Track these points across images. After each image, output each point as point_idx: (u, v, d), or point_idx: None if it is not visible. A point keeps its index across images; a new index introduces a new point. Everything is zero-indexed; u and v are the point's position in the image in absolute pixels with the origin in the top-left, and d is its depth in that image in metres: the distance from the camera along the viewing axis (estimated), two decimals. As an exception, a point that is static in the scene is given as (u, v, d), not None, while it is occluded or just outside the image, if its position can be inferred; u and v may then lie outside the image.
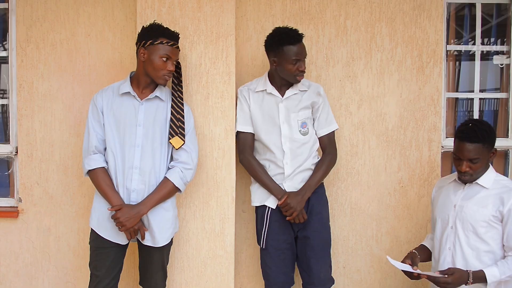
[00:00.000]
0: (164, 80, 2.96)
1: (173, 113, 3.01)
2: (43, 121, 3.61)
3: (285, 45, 3.16)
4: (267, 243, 3.35)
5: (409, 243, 3.78)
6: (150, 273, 3.12)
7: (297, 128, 3.31)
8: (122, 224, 2.88)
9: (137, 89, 3.02)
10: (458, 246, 2.88)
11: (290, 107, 3.31)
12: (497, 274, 2.72)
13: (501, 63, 4.03)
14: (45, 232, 3.68)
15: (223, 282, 3.40)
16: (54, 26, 3.60)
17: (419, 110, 3.75)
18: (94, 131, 2.99)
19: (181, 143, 2.99)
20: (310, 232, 3.34)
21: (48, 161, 3.63)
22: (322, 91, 3.42)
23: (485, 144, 2.77)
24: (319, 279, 3.36)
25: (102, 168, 2.98)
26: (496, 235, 2.80)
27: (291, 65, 3.19)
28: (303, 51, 3.23)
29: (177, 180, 2.99)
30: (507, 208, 2.75)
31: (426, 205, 3.76)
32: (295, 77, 3.24)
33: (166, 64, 2.93)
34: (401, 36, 3.73)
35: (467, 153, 2.78)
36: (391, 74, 3.73)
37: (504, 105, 4.04)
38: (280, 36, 3.20)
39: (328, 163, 3.40)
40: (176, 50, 2.99)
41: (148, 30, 2.97)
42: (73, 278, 3.71)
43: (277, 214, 3.31)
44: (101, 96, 3.03)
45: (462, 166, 2.82)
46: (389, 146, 3.76)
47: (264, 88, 3.34)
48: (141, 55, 2.94)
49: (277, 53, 3.21)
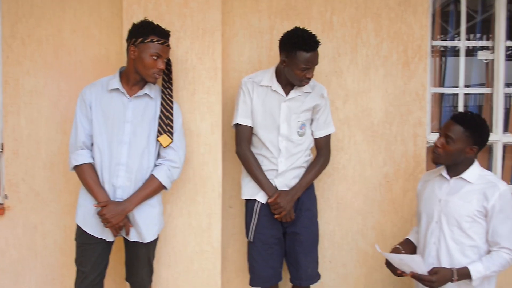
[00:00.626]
0: (154, 78, 2.95)
1: (162, 111, 3.01)
2: (29, 118, 3.60)
3: (299, 50, 3.08)
4: (255, 237, 3.36)
5: (395, 237, 3.80)
6: (136, 268, 3.13)
7: (295, 129, 3.31)
8: (107, 220, 2.88)
9: (126, 86, 3.00)
10: (442, 241, 2.90)
11: (293, 107, 3.30)
12: (481, 270, 2.74)
13: (486, 58, 4.06)
14: (31, 229, 3.67)
15: (210, 277, 3.41)
16: (40, 22, 3.59)
17: (404, 105, 3.77)
18: (82, 126, 2.97)
19: (169, 141, 2.99)
20: (300, 228, 3.36)
21: (34, 158, 3.62)
22: (326, 94, 3.41)
23: (467, 130, 2.79)
24: (306, 274, 3.39)
25: (89, 164, 2.97)
26: (481, 230, 2.82)
27: (300, 70, 3.12)
28: (315, 60, 3.16)
29: (163, 178, 2.99)
30: (492, 203, 2.77)
31: (411, 200, 3.78)
32: (300, 82, 3.20)
33: (157, 62, 2.91)
34: (386, 32, 3.75)
35: (446, 129, 2.83)
36: (377, 70, 3.75)
37: (488, 100, 4.07)
38: (297, 39, 3.11)
39: (321, 165, 3.42)
40: (167, 48, 2.97)
41: (138, 27, 2.94)
42: (59, 275, 3.70)
43: (267, 209, 3.32)
44: (90, 91, 3.01)
45: (437, 140, 2.87)
46: (374, 141, 3.78)
47: (269, 84, 3.30)
48: (132, 52, 2.92)
49: (289, 54, 3.13)
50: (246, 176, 3.40)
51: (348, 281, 3.88)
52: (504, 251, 2.77)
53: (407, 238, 3.21)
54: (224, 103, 3.55)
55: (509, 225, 2.78)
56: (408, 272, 2.84)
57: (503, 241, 2.77)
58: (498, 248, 2.78)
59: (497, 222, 2.77)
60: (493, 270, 2.75)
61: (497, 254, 2.77)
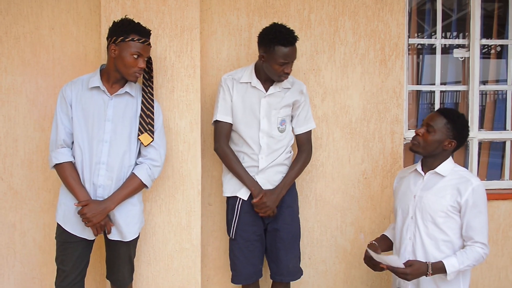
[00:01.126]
0: (135, 77, 2.93)
1: (143, 109, 3.00)
2: (7, 116, 3.57)
3: (277, 45, 3.10)
4: (236, 234, 3.36)
5: (373, 234, 3.85)
6: (117, 267, 3.12)
7: (276, 125, 3.33)
8: (88, 219, 2.86)
9: (107, 84, 2.98)
10: (418, 236, 2.94)
11: (272, 103, 3.31)
12: (456, 264, 2.78)
13: (462, 56, 4.13)
14: (10, 227, 3.64)
15: (190, 275, 3.42)
16: (17, 19, 3.56)
17: (381, 103, 3.81)
18: (62, 124, 2.95)
19: (150, 140, 2.98)
20: (281, 224, 3.38)
21: (12, 156, 3.60)
22: (305, 90, 3.44)
23: (449, 123, 2.85)
24: (288, 270, 3.41)
25: (69, 163, 2.95)
26: (454, 225, 2.86)
27: (278, 65, 3.14)
28: (293, 54, 3.18)
29: (144, 177, 2.99)
30: (465, 198, 2.81)
31: (389, 196, 3.83)
32: (279, 77, 3.22)
33: (137, 61, 2.89)
34: (364, 30, 3.78)
35: (429, 118, 2.90)
36: (354, 67, 3.79)
37: (464, 97, 4.13)
38: (275, 34, 3.13)
39: (303, 161, 3.44)
40: (147, 47, 2.95)
41: (119, 26, 2.91)
42: (39, 273, 3.68)
43: (248, 206, 3.33)
44: (70, 88, 2.97)
45: (418, 129, 2.92)
46: (352, 138, 3.82)
47: (249, 80, 3.31)
48: (112, 51, 2.90)
49: (267, 49, 3.15)
50: (227, 173, 3.41)
51: (327, 277, 3.91)
52: (477, 246, 2.81)
53: (383, 234, 3.26)
54: (203, 101, 3.57)
55: (482, 220, 2.83)
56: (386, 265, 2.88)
57: (477, 235, 2.81)
58: (472, 243, 2.82)
59: (470, 217, 2.81)
60: (467, 264, 2.79)
61: (471, 249, 2.81)
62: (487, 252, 2.85)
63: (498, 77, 4.36)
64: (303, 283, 3.85)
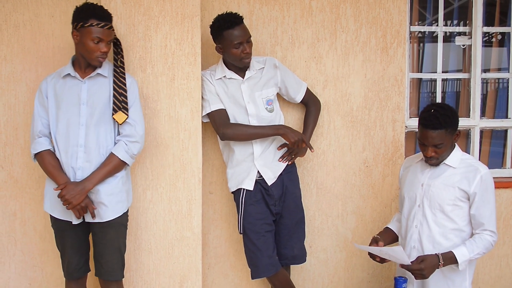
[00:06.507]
0: (98, 61, 2.94)
1: (115, 89, 2.99)
2: (7, 104, 3.56)
3: (225, 30, 3.21)
4: (245, 227, 3.37)
5: (374, 222, 3.85)
6: (104, 256, 3.05)
7: (263, 106, 3.35)
8: (68, 201, 2.85)
9: (80, 70, 3.01)
10: (425, 224, 2.93)
11: (253, 86, 3.35)
12: (466, 254, 2.77)
13: (463, 44, 4.11)
14: (10, 216, 3.63)
15: (191, 263, 3.42)
16: (17, 7, 3.53)
17: (383, 91, 3.80)
18: (39, 116, 3.00)
19: (125, 118, 2.97)
20: (285, 211, 3.42)
21: (13, 144, 3.58)
22: (277, 62, 3.48)
23: (448, 129, 2.80)
24: (292, 254, 3.46)
25: (47, 151, 2.98)
26: (463, 213, 2.86)
27: (235, 49, 3.22)
28: (244, 33, 3.24)
29: (121, 154, 2.97)
30: (473, 186, 2.81)
31: (390, 184, 3.82)
32: (241, 61, 3.27)
33: (98, 46, 2.89)
34: (365, 17, 3.76)
35: (431, 140, 2.81)
36: (356, 55, 3.77)
37: (466, 85, 4.12)
38: (219, 22, 3.25)
39: (316, 110, 3.60)
40: (108, 31, 2.92)
41: (79, 11, 2.91)
42: (40, 262, 3.68)
43: (254, 197, 3.34)
44: (46, 81, 3.04)
45: (427, 152, 2.85)
46: (354, 126, 3.80)
47: (223, 74, 3.37)
48: (75, 37, 2.91)
49: (220, 39, 3.25)
50: (230, 168, 3.43)
51: (328, 266, 3.91)
52: (487, 233, 2.82)
53: (387, 227, 3.24)
54: (204, 89, 3.55)
55: (491, 208, 2.84)
56: (392, 260, 2.87)
57: (486, 223, 2.82)
58: (481, 231, 2.83)
59: (479, 204, 2.81)
60: (477, 252, 2.79)
61: (480, 237, 2.82)
62: (495, 239, 2.85)
63: (500, 65, 4.34)
64: (304, 271, 3.85)
